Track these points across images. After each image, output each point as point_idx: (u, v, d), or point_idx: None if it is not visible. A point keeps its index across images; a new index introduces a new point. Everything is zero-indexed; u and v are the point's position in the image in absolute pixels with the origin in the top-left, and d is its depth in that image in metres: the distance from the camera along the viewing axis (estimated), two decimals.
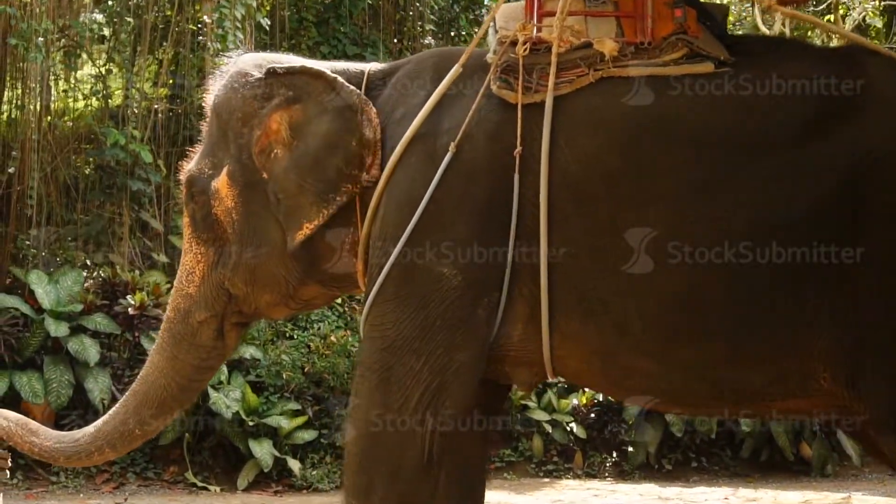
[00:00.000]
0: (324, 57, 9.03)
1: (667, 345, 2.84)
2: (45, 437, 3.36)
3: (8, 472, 3.58)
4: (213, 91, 3.32)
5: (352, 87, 3.13)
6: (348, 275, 3.19)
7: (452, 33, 11.33)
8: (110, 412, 3.39)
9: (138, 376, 3.39)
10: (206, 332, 3.28)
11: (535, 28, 2.94)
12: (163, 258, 8.59)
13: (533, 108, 2.90)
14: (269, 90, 3.17)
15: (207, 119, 3.35)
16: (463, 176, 2.92)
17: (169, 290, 8.03)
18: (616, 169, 2.84)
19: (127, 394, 3.38)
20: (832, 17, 9.00)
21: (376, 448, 2.94)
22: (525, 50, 2.91)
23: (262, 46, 8.53)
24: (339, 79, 3.15)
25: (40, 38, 7.35)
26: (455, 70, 2.99)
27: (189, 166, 3.34)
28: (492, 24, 3.10)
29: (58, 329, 7.33)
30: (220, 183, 3.21)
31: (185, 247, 3.34)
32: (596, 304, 2.85)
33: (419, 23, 10.96)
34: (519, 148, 2.88)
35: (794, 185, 2.77)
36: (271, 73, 3.18)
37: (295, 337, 8.42)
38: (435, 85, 3.03)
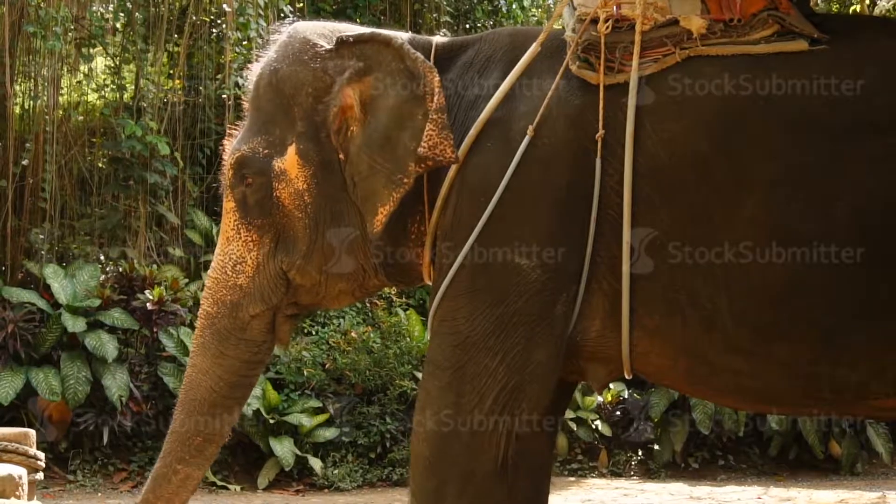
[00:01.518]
0: None
1: (759, 340, 2.67)
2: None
3: (42, 473, 3.40)
4: (267, 64, 3.05)
5: (418, 53, 2.90)
6: (413, 267, 3.01)
7: (468, 25, 11.17)
8: (169, 431, 3.15)
9: (182, 386, 3.15)
10: (257, 326, 3.05)
11: (616, 5, 2.76)
12: (178, 252, 8.42)
13: (616, 89, 2.73)
14: (341, 62, 2.93)
15: (256, 94, 3.07)
16: (541, 162, 2.74)
17: (187, 284, 7.95)
18: (707, 155, 2.66)
19: (176, 406, 3.14)
20: (858, 8, 8.84)
21: (448, 450, 2.77)
22: (607, 28, 2.73)
23: None
24: (407, 45, 2.91)
25: (57, 28, 7.15)
26: (533, 49, 2.81)
27: (235, 146, 3.08)
28: (569, 1, 2.91)
29: (75, 324, 7.17)
30: (288, 163, 2.96)
31: (228, 234, 3.07)
32: (683, 297, 2.68)
33: (434, 14, 10.82)
34: (601, 131, 2.70)
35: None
36: (342, 43, 2.94)
37: (315, 333, 8.26)
38: (510, 65, 2.85)
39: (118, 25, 8.78)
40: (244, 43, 7.68)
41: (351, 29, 3.06)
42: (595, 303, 2.76)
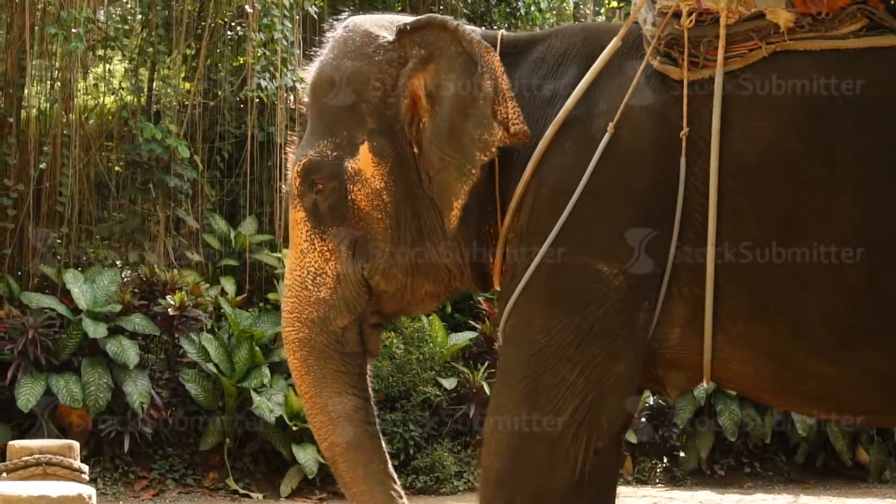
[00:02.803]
0: None
1: (850, 347, 2.57)
2: None
3: (87, 485, 3.29)
4: (325, 63, 2.93)
5: (473, 34, 2.78)
6: (484, 270, 2.90)
7: (484, 28, 11.07)
8: (358, 481, 2.98)
9: (325, 439, 2.94)
10: (351, 337, 2.90)
11: None
12: (196, 257, 8.32)
13: (700, 85, 2.62)
14: (404, 52, 2.81)
15: (315, 97, 2.95)
16: (623, 162, 2.63)
17: (208, 289, 7.84)
18: (797, 154, 2.56)
19: (341, 466, 2.97)
20: None
21: (521, 465, 2.65)
22: (690, 21, 2.62)
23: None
24: (462, 27, 2.79)
25: (79, 29, 7.03)
26: (614, 44, 2.70)
27: (299, 152, 2.95)
28: None
29: (96, 330, 7.05)
30: (362, 162, 2.83)
31: (301, 247, 2.92)
32: (770, 302, 2.57)
33: (451, 16, 10.72)
34: (685, 129, 2.59)
35: None
36: (402, 32, 2.82)
37: None
38: (586, 61, 2.74)
39: (136, 27, 8.68)
40: (268, 44, 7.55)
41: (403, 18, 2.94)
42: (675, 310, 2.65)
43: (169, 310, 7.33)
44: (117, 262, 8.29)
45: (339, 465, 2.96)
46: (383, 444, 3.01)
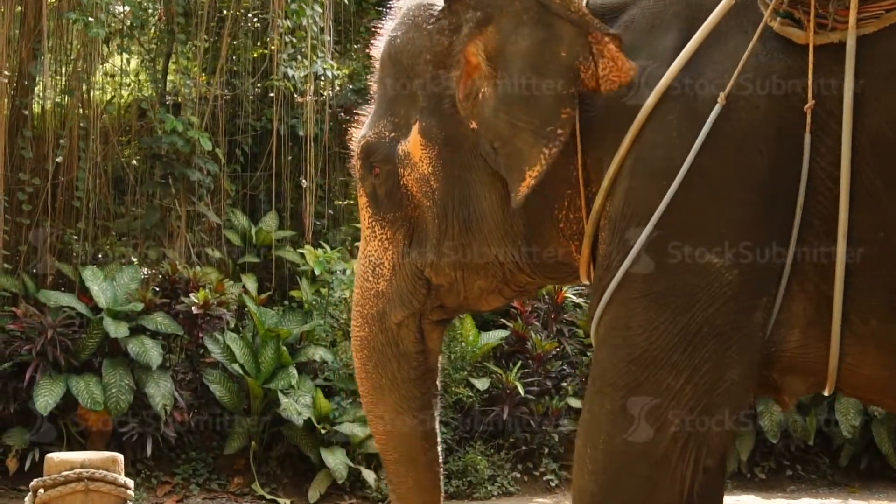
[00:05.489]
0: None
1: None
2: None
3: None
4: (385, 37, 2.75)
5: None
6: (563, 263, 2.61)
7: None
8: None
9: (379, 443, 2.84)
10: (407, 335, 2.70)
11: None
12: (216, 254, 8.05)
13: (828, 51, 2.31)
14: (457, 18, 2.55)
15: (381, 72, 2.77)
16: (736, 139, 2.32)
17: (231, 286, 7.56)
18: None
19: (389, 468, 2.85)
20: None
21: (621, 486, 2.37)
22: None
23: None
24: None
25: (101, 15, 6.76)
26: (726, 3, 2.38)
27: (362, 132, 2.76)
28: None
29: (117, 329, 6.77)
30: (412, 145, 2.61)
31: (365, 234, 2.75)
32: None
33: None
34: (811, 101, 2.29)
35: None
36: None
37: None
38: (688, 23, 2.43)
39: (153, 19, 8.40)
40: (296, 31, 7.26)
41: None
42: (796, 308, 2.35)
43: (192, 308, 7.05)
44: (134, 259, 8.02)
45: (388, 470, 2.89)
46: (439, 452, 2.87)
